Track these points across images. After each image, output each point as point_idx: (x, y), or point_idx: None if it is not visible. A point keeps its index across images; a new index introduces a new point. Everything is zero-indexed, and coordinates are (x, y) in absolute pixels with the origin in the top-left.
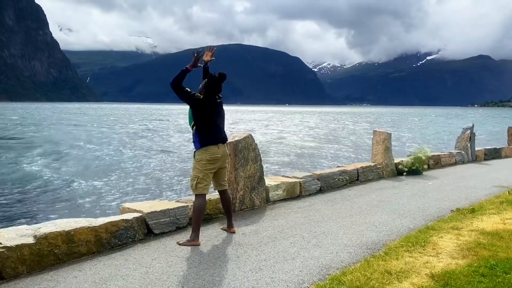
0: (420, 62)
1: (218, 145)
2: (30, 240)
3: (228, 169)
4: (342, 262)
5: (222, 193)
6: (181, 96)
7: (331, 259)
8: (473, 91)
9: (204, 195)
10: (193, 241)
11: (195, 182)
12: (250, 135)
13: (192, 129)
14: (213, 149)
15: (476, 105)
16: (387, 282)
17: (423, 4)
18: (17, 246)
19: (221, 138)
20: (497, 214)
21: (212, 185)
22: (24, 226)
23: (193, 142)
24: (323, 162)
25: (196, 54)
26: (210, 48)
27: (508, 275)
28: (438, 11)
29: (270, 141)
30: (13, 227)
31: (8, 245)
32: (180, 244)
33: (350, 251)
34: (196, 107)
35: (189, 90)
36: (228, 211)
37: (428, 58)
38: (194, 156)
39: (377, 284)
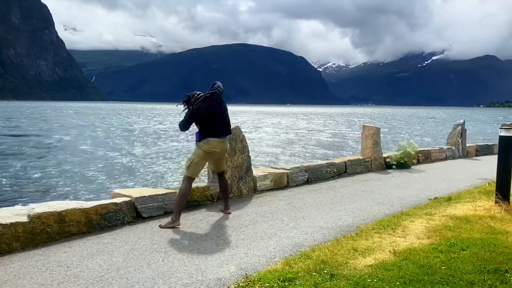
0: (426, 62)
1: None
2: (24, 219)
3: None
4: (314, 241)
5: (220, 176)
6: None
7: (305, 238)
8: (479, 92)
9: (192, 180)
10: (174, 223)
11: (188, 163)
12: (238, 127)
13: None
14: (213, 143)
15: (481, 106)
16: (351, 257)
17: (428, 4)
18: (11, 224)
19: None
20: (471, 202)
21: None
22: (19, 207)
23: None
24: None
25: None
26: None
27: (464, 252)
28: (443, 10)
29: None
30: (9, 207)
31: (3, 222)
32: (161, 227)
33: (324, 232)
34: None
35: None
36: (225, 194)
37: (434, 58)
38: (196, 144)
39: (341, 259)
